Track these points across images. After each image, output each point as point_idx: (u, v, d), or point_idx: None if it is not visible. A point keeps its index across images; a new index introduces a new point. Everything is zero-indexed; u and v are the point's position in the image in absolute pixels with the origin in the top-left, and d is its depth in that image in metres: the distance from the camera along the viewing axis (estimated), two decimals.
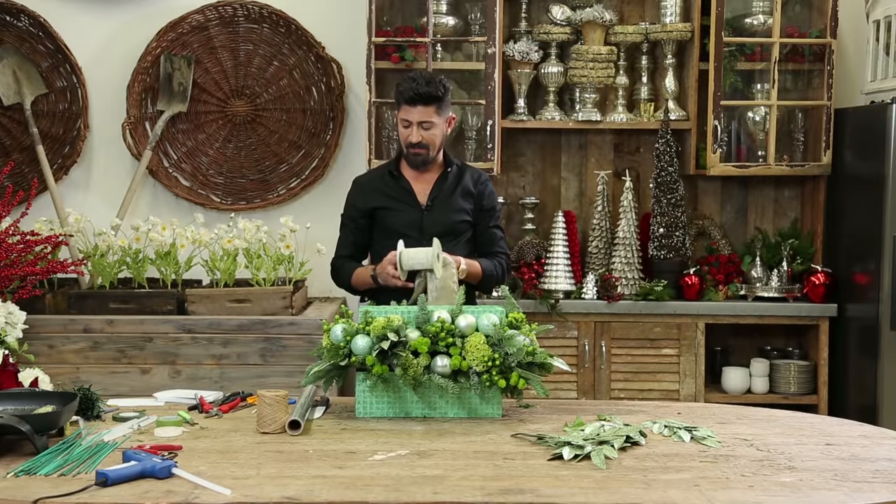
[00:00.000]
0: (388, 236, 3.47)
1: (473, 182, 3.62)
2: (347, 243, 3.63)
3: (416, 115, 3.44)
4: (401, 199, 3.55)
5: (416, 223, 3.53)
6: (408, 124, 3.47)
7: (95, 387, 3.11)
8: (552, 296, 4.59)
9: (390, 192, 3.56)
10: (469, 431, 2.77)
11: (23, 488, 2.27)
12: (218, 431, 2.77)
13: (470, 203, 3.60)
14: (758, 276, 4.74)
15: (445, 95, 3.48)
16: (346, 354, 2.87)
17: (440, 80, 3.49)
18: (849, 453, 2.59)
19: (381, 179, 3.60)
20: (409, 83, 3.44)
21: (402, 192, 3.56)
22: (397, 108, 3.51)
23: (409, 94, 3.42)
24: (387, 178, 3.59)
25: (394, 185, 3.57)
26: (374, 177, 3.66)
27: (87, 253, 4.55)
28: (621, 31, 4.78)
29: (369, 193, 3.59)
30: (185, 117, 4.99)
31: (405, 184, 3.57)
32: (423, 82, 3.42)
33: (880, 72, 4.49)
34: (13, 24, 4.92)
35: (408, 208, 3.54)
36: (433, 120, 3.46)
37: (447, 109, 3.52)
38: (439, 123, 3.49)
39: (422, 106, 3.43)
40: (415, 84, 3.42)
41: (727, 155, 4.83)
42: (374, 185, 3.60)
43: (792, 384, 4.67)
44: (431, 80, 3.45)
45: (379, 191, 3.58)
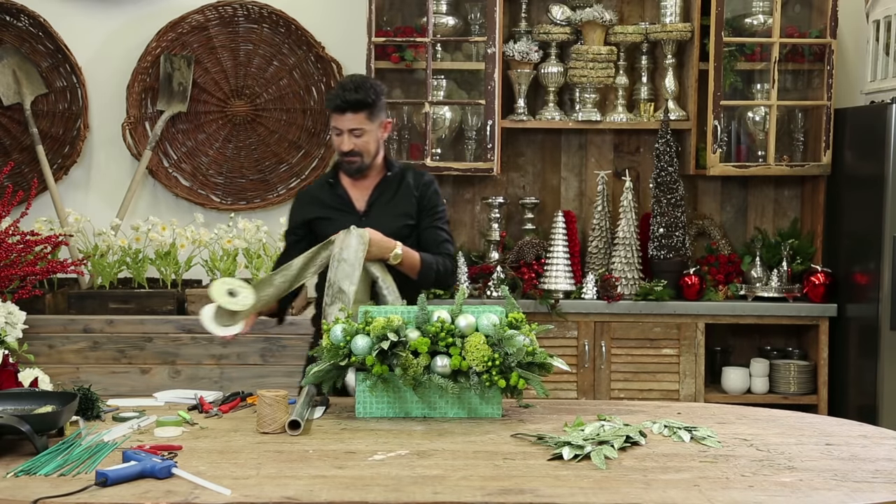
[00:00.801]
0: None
1: (416, 184, 3.44)
2: (287, 254, 3.44)
3: (346, 122, 3.27)
4: (337, 208, 3.39)
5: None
6: (339, 132, 3.30)
7: (95, 387, 3.11)
8: (552, 296, 4.59)
9: (328, 201, 3.41)
10: (469, 431, 2.77)
11: (23, 488, 2.27)
12: (218, 431, 2.77)
13: (412, 205, 3.41)
14: (758, 276, 4.74)
15: (377, 100, 3.30)
16: (345, 354, 2.87)
17: (371, 84, 3.31)
18: (849, 453, 2.59)
19: (319, 189, 3.45)
20: (338, 90, 3.29)
21: (339, 200, 3.40)
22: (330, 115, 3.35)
23: (336, 102, 3.26)
24: (325, 188, 3.44)
25: (331, 193, 3.41)
26: (314, 187, 3.51)
27: (87, 253, 4.55)
28: (621, 31, 4.78)
29: (307, 205, 3.44)
30: (185, 117, 4.99)
31: (341, 191, 3.41)
32: (352, 88, 3.25)
33: (880, 72, 4.49)
34: (13, 24, 4.92)
35: (344, 216, 3.35)
36: (364, 127, 3.28)
37: (381, 114, 3.33)
38: (372, 130, 3.30)
39: (351, 113, 3.26)
40: (343, 91, 3.26)
41: (727, 155, 4.84)
42: (312, 196, 3.45)
43: (792, 384, 4.67)
44: (361, 85, 3.27)
45: (316, 201, 3.43)
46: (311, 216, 3.42)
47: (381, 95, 3.33)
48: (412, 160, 4.79)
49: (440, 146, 4.82)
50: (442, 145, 4.84)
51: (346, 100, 3.25)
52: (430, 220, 3.44)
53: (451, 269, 3.43)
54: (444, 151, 4.85)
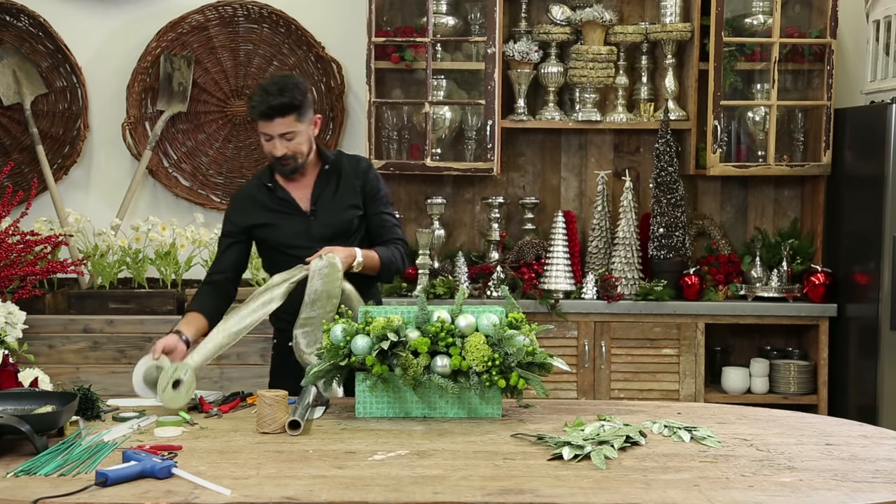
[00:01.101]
0: (277, 250, 3.30)
1: (354, 172, 3.36)
2: (222, 259, 3.36)
3: (276, 128, 3.17)
4: (282, 211, 3.30)
5: (303, 232, 3.28)
6: (269, 138, 3.20)
7: (95, 387, 3.11)
8: (552, 296, 4.59)
9: (270, 205, 3.30)
10: (469, 431, 2.77)
11: (23, 488, 2.27)
12: (218, 431, 2.77)
13: (356, 194, 3.34)
14: (758, 276, 4.74)
15: (304, 100, 3.19)
16: (345, 354, 2.87)
17: (295, 83, 3.20)
18: (849, 453, 2.59)
19: (257, 193, 3.33)
20: (261, 95, 3.15)
21: (282, 203, 3.30)
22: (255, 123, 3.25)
23: (261, 109, 3.14)
24: (263, 192, 3.32)
25: (271, 197, 3.30)
26: (250, 191, 3.36)
27: (87, 253, 4.56)
28: (621, 31, 4.78)
29: (248, 209, 3.32)
30: (185, 117, 4.99)
31: (283, 194, 3.30)
32: (276, 92, 3.14)
33: (880, 72, 4.49)
34: (13, 24, 4.92)
35: (291, 219, 3.29)
36: (295, 129, 3.18)
37: (309, 112, 3.23)
38: (303, 130, 3.21)
39: (279, 118, 3.15)
40: (267, 96, 3.14)
41: (727, 155, 4.83)
42: (252, 201, 3.33)
43: (792, 384, 4.67)
44: (285, 87, 3.16)
45: (258, 206, 3.31)
46: (254, 222, 3.31)
47: (307, 93, 3.23)
48: (412, 160, 4.79)
49: (440, 146, 4.82)
50: (442, 145, 4.84)
51: (271, 105, 3.13)
52: (375, 206, 3.38)
53: (407, 253, 3.41)
54: (444, 151, 4.85)
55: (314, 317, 3.11)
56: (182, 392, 2.93)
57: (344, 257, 3.15)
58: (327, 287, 3.11)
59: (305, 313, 3.13)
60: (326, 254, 3.13)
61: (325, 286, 3.11)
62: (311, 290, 3.11)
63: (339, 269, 3.12)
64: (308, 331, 3.13)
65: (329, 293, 3.11)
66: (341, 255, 3.15)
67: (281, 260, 3.26)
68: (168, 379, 2.92)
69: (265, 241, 3.33)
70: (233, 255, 3.36)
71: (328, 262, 3.10)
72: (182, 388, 2.92)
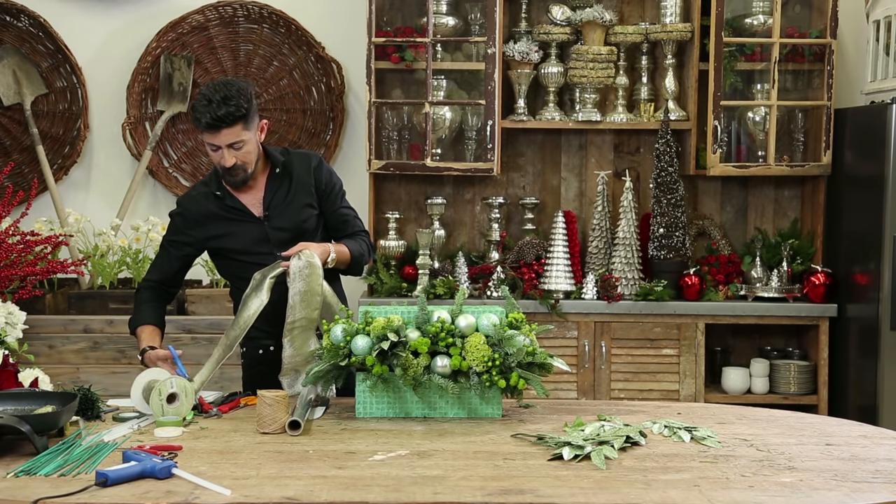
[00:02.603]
0: (234, 258, 3.22)
1: (305, 169, 3.26)
2: (162, 268, 3.28)
3: (223, 138, 3.05)
4: (235, 220, 3.20)
5: (261, 237, 3.19)
6: (216, 148, 3.07)
7: (95, 387, 3.11)
8: (552, 296, 4.59)
9: (223, 214, 3.20)
10: (469, 431, 2.77)
11: (23, 488, 2.27)
12: (218, 431, 2.77)
13: (310, 194, 3.25)
14: (758, 277, 4.74)
15: (250, 107, 3.07)
16: (346, 354, 2.87)
17: (239, 90, 3.05)
18: (849, 453, 2.59)
19: (206, 202, 3.21)
20: (204, 106, 3.01)
21: (234, 211, 3.20)
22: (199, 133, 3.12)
23: (206, 121, 3.01)
24: (212, 201, 3.20)
25: (222, 206, 3.20)
26: (198, 202, 3.23)
27: (87, 253, 4.56)
28: (621, 31, 4.78)
29: (200, 221, 3.21)
30: (185, 117, 4.99)
31: (233, 202, 3.20)
32: (219, 101, 3.00)
33: (880, 72, 4.49)
34: (13, 24, 4.92)
35: (246, 226, 3.19)
36: (242, 138, 3.07)
37: (255, 118, 3.12)
38: (250, 138, 3.09)
39: (226, 128, 3.03)
40: (211, 106, 3.00)
41: (727, 155, 4.83)
42: (202, 212, 3.21)
43: (792, 384, 4.67)
44: (228, 95, 3.02)
45: (210, 217, 3.20)
46: (207, 234, 3.22)
47: (252, 99, 3.10)
48: (412, 160, 4.79)
49: (440, 146, 4.82)
50: (442, 145, 4.84)
51: (217, 116, 3.01)
52: (331, 202, 3.31)
53: (372, 245, 3.39)
54: (445, 151, 4.85)
55: (300, 317, 3.06)
56: (176, 407, 2.85)
57: (320, 253, 3.09)
58: (310, 286, 3.04)
59: (292, 317, 3.05)
60: (303, 251, 3.06)
61: (308, 285, 3.04)
62: (294, 292, 3.04)
63: (318, 266, 3.06)
64: (296, 334, 3.06)
65: (312, 291, 3.05)
66: (317, 252, 3.08)
67: (240, 266, 3.20)
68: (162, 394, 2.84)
69: (221, 250, 3.24)
70: (177, 264, 3.28)
71: (307, 262, 3.04)
72: (177, 403, 2.85)
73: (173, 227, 3.28)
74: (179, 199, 3.33)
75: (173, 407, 2.84)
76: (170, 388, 2.83)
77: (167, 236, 3.29)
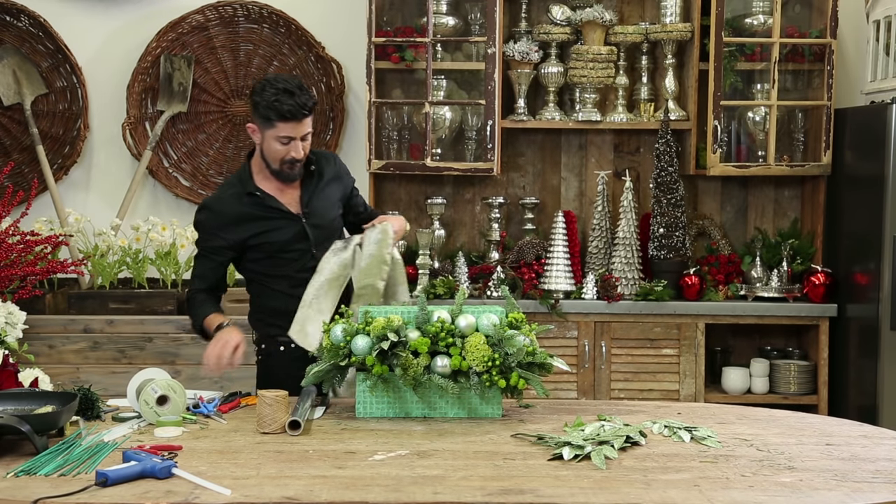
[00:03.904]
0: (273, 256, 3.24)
1: (332, 169, 3.35)
2: (207, 275, 3.27)
3: (303, 128, 3.11)
4: (273, 218, 3.22)
5: (301, 235, 3.25)
6: (288, 140, 3.11)
7: (95, 387, 3.11)
8: (552, 296, 4.59)
9: (261, 214, 3.22)
10: (469, 431, 2.77)
11: (23, 488, 2.27)
12: (218, 431, 2.77)
13: (339, 190, 3.36)
14: (758, 276, 4.74)
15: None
16: (346, 354, 2.87)
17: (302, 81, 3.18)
18: (849, 453, 2.60)
19: (241, 203, 3.22)
20: (284, 96, 3.06)
21: (272, 210, 3.22)
22: (266, 124, 3.11)
23: (289, 109, 3.06)
24: (246, 201, 3.22)
25: (258, 206, 3.22)
26: (230, 204, 3.23)
27: (87, 253, 4.56)
28: (621, 31, 4.78)
29: (237, 223, 3.21)
30: (185, 117, 4.99)
31: (271, 201, 3.23)
32: (297, 89, 3.07)
33: (880, 72, 4.49)
34: (13, 24, 4.92)
35: (284, 223, 3.23)
36: (310, 130, 3.15)
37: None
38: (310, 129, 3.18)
39: (307, 118, 3.10)
40: (292, 96, 3.06)
41: (727, 155, 4.83)
42: (236, 214, 3.22)
43: (792, 384, 4.67)
44: (300, 85, 3.11)
45: (245, 218, 3.21)
46: (247, 234, 3.22)
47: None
48: (412, 160, 4.79)
49: (440, 146, 4.82)
50: (442, 145, 4.84)
51: (303, 104, 3.07)
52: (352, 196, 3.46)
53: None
54: (445, 151, 4.85)
55: (368, 284, 3.16)
56: (170, 407, 2.83)
57: (397, 227, 3.28)
58: (380, 252, 3.18)
59: (360, 283, 3.17)
60: (381, 223, 3.24)
61: (378, 251, 3.18)
62: (365, 255, 3.18)
63: (390, 236, 3.22)
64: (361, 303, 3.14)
65: (381, 259, 3.18)
66: (395, 225, 3.27)
67: (276, 264, 3.25)
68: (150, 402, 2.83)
69: (260, 248, 3.25)
70: (221, 270, 3.30)
71: (381, 230, 3.22)
72: (169, 403, 2.84)
73: (208, 233, 3.26)
74: (209, 205, 3.29)
75: (166, 408, 2.84)
76: (154, 393, 2.82)
77: (204, 244, 3.28)
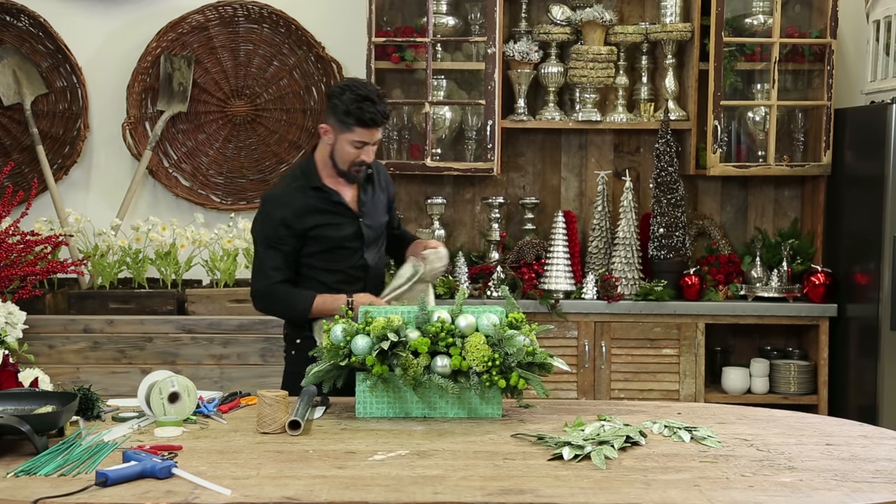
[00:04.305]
0: (329, 250, 3.34)
1: (384, 178, 3.52)
2: (281, 266, 3.31)
3: (376, 135, 3.27)
4: (336, 213, 3.34)
5: (356, 233, 3.37)
6: (361, 145, 3.25)
7: (95, 387, 3.11)
8: (552, 296, 4.59)
9: (325, 207, 3.33)
10: (469, 431, 2.77)
11: (23, 488, 2.27)
12: (218, 431, 2.77)
13: (385, 199, 3.51)
14: (758, 276, 4.74)
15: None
16: (346, 354, 2.87)
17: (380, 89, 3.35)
18: (849, 453, 2.59)
19: (305, 196, 3.32)
20: (369, 106, 3.19)
21: (336, 205, 3.34)
22: (342, 127, 3.23)
23: (370, 116, 3.20)
24: (311, 194, 3.32)
25: (324, 199, 3.33)
26: (296, 197, 3.33)
27: (87, 253, 4.55)
28: (621, 31, 4.78)
29: (303, 214, 3.30)
30: (185, 117, 4.99)
31: (336, 196, 3.35)
32: (376, 97, 3.22)
33: (880, 72, 4.49)
34: (13, 24, 4.92)
35: (344, 220, 3.34)
36: (380, 136, 3.32)
37: None
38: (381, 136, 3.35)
39: (382, 127, 3.28)
40: (373, 104, 3.20)
41: (727, 155, 4.84)
42: (302, 205, 3.31)
43: (792, 384, 4.67)
44: (378, 93, 3.25)
45: (310, 210, 3.31)
46: (312, 224, 3.31)
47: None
48: (412, 160, 4.79)
49: (440, 146, 4.82)
50: (442, 145, 4.84)
51: (384, 113, 3.23)
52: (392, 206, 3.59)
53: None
54: (445, 151, 4.85)
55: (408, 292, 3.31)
56: (179, 406, 2.83)
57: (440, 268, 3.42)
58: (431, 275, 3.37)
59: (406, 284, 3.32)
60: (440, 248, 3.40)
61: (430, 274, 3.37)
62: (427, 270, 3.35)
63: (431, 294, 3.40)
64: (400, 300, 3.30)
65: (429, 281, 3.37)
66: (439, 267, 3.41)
67: (335, 258, 3.34)
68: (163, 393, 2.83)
69: (318, 240, 3.33)
70: (292, 258, 3.34)
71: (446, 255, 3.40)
72: (179, 402, 2.85)
73: (274, 225, 3.30)
74: (274, 196, 3.36)
75: (175, 406, 2.83)
76: (171, 387, 2.83)
77: (270, 235, 3.31)
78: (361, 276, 3.38)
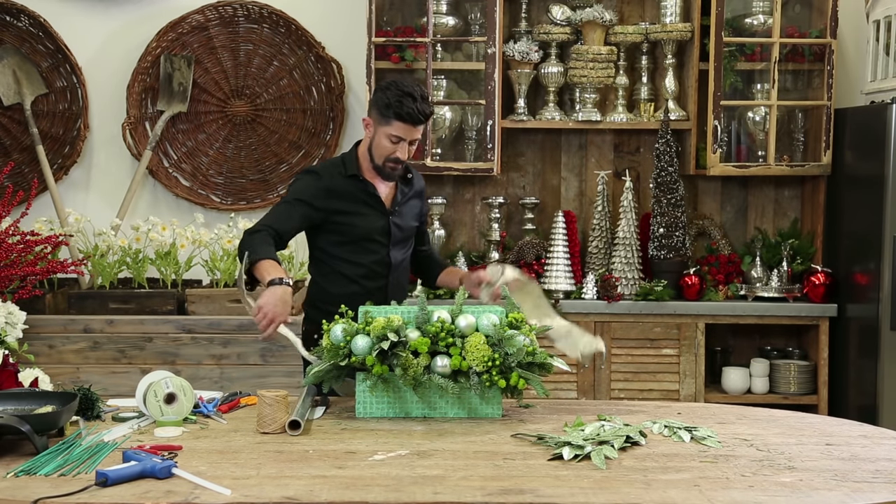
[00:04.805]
0: (355, 241, 3.33)
1: (420, 183, 3.53)
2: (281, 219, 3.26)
3: (416, 133, 3.26)
4: (368, 204, 3.33)
5: (384, 229, 3.35)
6: (398, 140, 3.25)
7: (95, 387, 3.11)
8: (552, 296, 4.59)
9: (357, 195, 3.32)
10: (469, 431, 2.77)
11: (23, 488, 2.27)
12: (218, 431, 2.77)
13: (418, 207, 3.51)
14: (758, 276, 4.74)
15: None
16: (346, 354, 2.87)
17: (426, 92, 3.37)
18: (849, 453, 2.59)
19: (342, 181, 3.32)
20: (409, 101, 3.20)
21: (370, 197, 3.33)
22: (382, 120, 3.24)
23: (409, 112, 3.20)
24: (348, 181, 3.32)
25: (359, 189, 3.32)
26: (334, 175, 3.33)
27: (87, 253, 4.55)
28: (621, 31, 4.78)
29: (334, 193, 3.31)
30: (185, 117, 4.99)
31: (372, 189, 3.34)
32: (420, 98, 3.22)
33: (880, 72, 4.49)
34: (13, 24, 4.92)
35: (375, 213, 3.33)
36: (419, 136, 3.30)
37: None
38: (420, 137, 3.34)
39: (422, 126, 3.27)
40: (415, 103, 3.20)
41: (727, 155, 4.84)
42: (337, 185, 3.32)
43: (792, 384, 4.67)
44: (423, 94, 3.26)
45: (342, 193, 3.31)
46: (339, 208, 3.30)
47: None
48: (412, 160, 4.78)
49: (440, 146, 4.82)
50: (442, 145, 4.84)
51: (424, 112, 3.23)
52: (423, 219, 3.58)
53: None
54: (445, 151, 4.85)
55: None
56: (176, 407, 2.83)
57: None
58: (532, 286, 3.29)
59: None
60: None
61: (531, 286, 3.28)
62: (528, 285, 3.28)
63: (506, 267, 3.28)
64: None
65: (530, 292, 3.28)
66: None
67: (359, 251, 3.33)
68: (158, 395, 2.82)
69: (342, 228, 3.32)
70: (297, 222, 3.29)
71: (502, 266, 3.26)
72: (176, 403, 2.84)
73: (306, 186, 3.31)
74: (312, 169, 3.39)
75: (173, 407, 2.83)
76: (166, 389, 2.83)
77: (296, 193, 3.30)
78: (384, 272, 3.36)
